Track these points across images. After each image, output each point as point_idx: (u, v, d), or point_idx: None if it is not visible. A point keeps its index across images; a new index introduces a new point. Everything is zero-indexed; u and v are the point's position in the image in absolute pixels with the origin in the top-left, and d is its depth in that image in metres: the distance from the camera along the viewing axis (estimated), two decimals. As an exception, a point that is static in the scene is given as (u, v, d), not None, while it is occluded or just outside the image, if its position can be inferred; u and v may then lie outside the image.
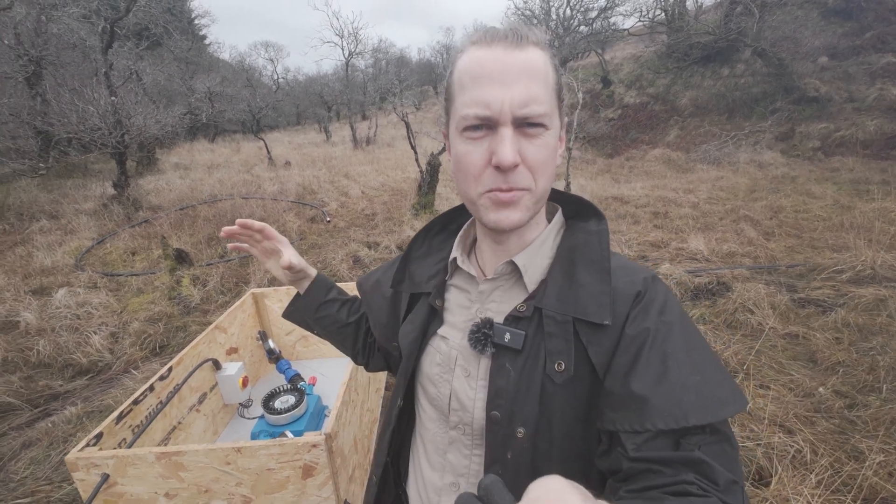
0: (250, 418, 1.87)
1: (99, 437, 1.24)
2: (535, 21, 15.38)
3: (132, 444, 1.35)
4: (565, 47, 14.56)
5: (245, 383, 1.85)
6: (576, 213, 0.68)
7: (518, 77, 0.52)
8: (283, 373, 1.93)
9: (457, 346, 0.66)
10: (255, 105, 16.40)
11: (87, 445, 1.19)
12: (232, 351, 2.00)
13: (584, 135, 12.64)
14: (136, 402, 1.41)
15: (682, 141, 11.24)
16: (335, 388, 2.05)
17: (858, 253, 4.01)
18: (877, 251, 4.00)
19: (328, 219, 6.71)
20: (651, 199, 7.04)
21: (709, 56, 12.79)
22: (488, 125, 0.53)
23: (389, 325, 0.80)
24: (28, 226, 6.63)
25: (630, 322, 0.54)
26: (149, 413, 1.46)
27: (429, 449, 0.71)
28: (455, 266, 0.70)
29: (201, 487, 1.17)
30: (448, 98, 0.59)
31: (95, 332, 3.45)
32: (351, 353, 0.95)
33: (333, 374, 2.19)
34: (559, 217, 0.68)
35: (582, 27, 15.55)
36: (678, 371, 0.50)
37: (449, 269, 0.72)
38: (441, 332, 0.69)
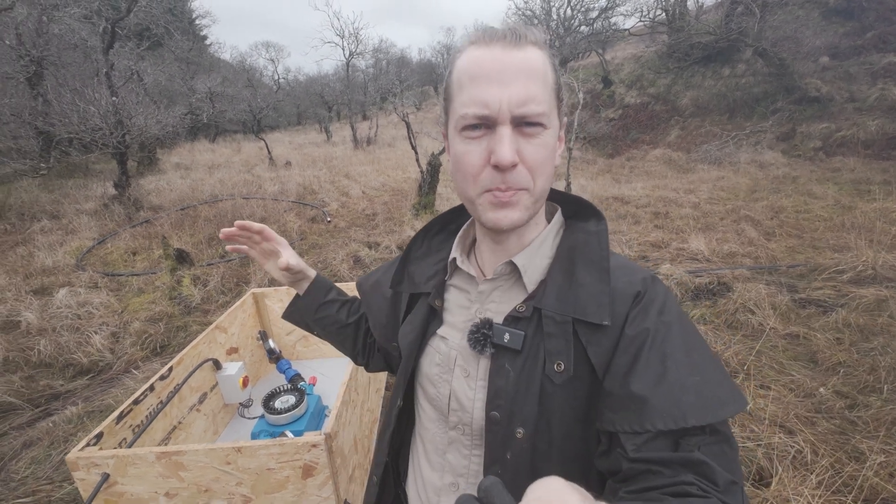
0: (250, 418, 1.88)
1: (99, 436, 1.24)
2: (536, 21, 15.37)
3: (132, 444, 1.35)
4: (566, 47, 14.55)
5: (245, 383, 1.85)
6: (575, 212, 0.68)
7: (516, 76, 0.52)
8: (284, 373, 1.93)
9: (456, 346, 0.66)
10: (255, 105, 16.42)
11: (88, 445, 1.19)
12: (232, 351, 2.00)
13: (584, 135, 12.63)
14: (136, 402, 1.41)
15: (682, 141, 11.22)
16: (335, 387, 2.06)
17: (859, 253, 4.00)
18: (878, 251, 4.00)
19: (329, 219, 6.71)
20: (652, 199, 7.03)
21: (710, 56, 12.77)
22: (487, 124, 0.53)
23: (389, 325, 0.80)
24: (29, 226, 6.64)
25: (629, 322, 0.54)
26: (149, 413, 1.46)
27: (428, 449, 0.71)
28: (454, 266, 0.70)
29: (201, 487, 1.17)
30: (447, 98, 0.59)
31: (96, 332, 3.45)
32: (351, 354, 0.95)
33: (334, 374, 2.19)
34: (558, 217, 0.68)
35: (582, 27, 15.54)
36: (677, 371, 0.50)
37: (448, 270, 0.72)
38: (440, 332, 0.69)
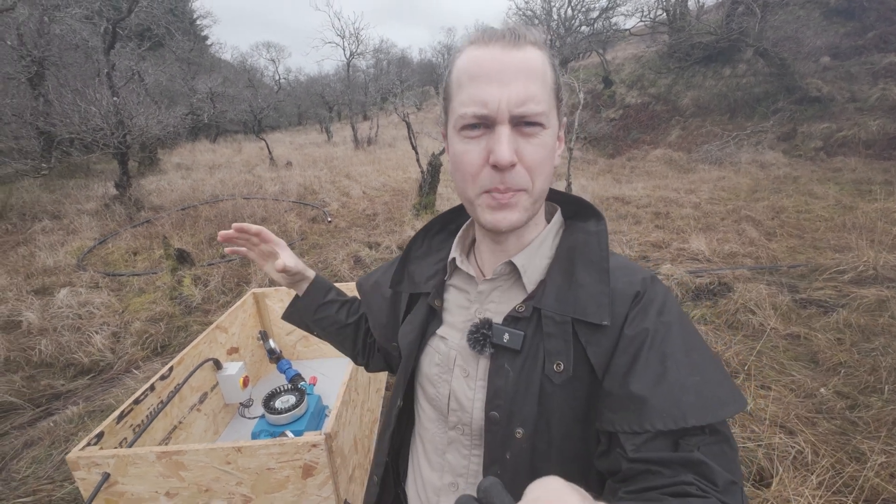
0: (251, 418, 1.88)
1: (100, 436, 1.24)
2: (537, 21, 15.37)
3: (133, 444, 1.35)
4: (566, 47, 14.55)
5: (246, 383, 1.85)
6: (575, 213, 0.68)
7: (515, 76, 0.52)
8: (284, 373, 1.93)
9: (456, 346, 0.66)
10: (256, 105, 16.42)
11: (88, 445, 1.19)
12: (233, 351, 2.00)
13: (585, 135, 12.63)
14: (136, 402, 1.41)
15: (683, 141, 11.21)
16: (336, 387, 2.06)
17: (860, 253, 4.00)
18: (879, 252, 3.99)
19: (329, 219, 6.72)
20: (652, 199, 7.03)
21: (710, 56, 12.76)
22: (486, 124, 0.53)
23: (389, 325, 0.80)
24: (30, 226, 6.65)
25: (629, 322, 0.54)
26: (150, 412, 1.46)
27: (428, 449, 0.71)
28: (454, 266, 0.70)
29: (202, 487, 1.17)
30: (446, 97, 0.60)
31: (97, 332, 3.46)
32: (351, 354, 0.95)
33: (334, 373, 2.19)
34: (558, 217, 0.68)
35: (583, 27, 15.54)
36: (677, 371, 0.50)
37: (448, 270, 0.72)
38: (440, 332, 0.69)
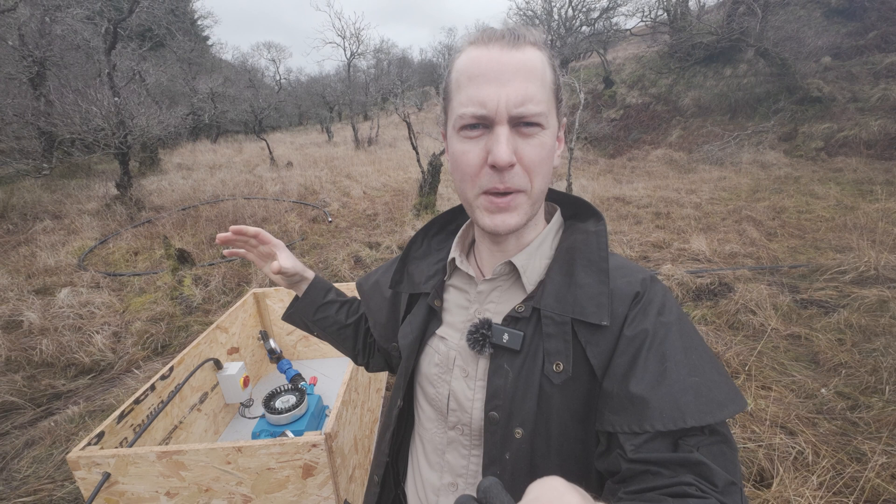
0: (251, 418, 1.88)
1: (100, 436, 1.24)
2: (537, 21, 15.36)
3: (133, 444, 1.35)
4: (567, 47, 14.54)
5: (246, 383, 1.85)
6: (574, 213, 0.68)
7: (514, 76, 0.52)
8: (284, 373, 1.93)
9: (455, 346, 0.66)
10: (257, 105, 16.43)
11: (89, 444, 1.20)
12: (233, 351, 2.00)
13: (585, 135, 12.62)
14: (137, 402, 1.41)
15: (684, 141, 11.20)
16: (336, 387, 2.06)
17: (861, 254, 3.99)
18: (880, 252, 3.98)
19: (330, 219, 6.72)
20: (653, 199, 7.02)
21: (711, 56, 12.75)
22: (484, 124, 0.53)
23: (389, 325, 0.80)
24: (31, 226, 6.66)
25: (628, 323, 0.54)
26: (150, 412, 1.46)
27: (427, 449, 0.71)
28: (454, 266, 0.70)
29: (202, 486, 1.17)
30: (446, 98, 0.60)
31: (98, 332, 3.46)
32: (351, 354, 0.95)
33: (334, 373, 2.20)
34: (558, 217, 0.68)
35: (584, 27, 15.52)
36: (677, 372, 0.50)
37: (448, 270, 0.72)
38: (440, 332, 0.69)
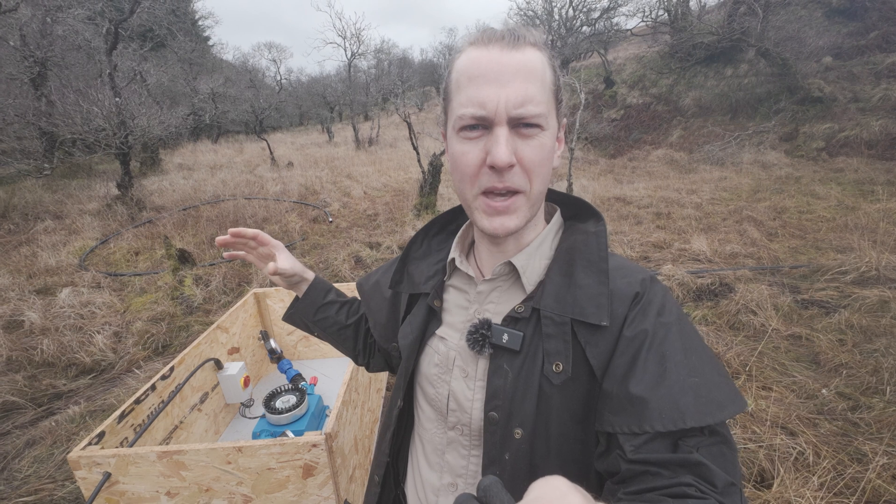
0: (251, 418, 1.88)
1: (101, 435, 1.25)
2: (538, 21, 15.36)
3: (134, 443, 1.35)
4: (568, 48, 14.53)
5: (246, 383, 1.85)
6: (574, 213, 0.68)
7: (514, 77, 0.52)
8: (285, 373, 1.93)
9: (455, 346, 0.66)
10: (258, 106, 16.45)
11: (90, 444, 1.20)
12: (233, 351, 2.00)
13: (586, 135, 12.62)
14: (138, 402, 1.41)
15: (685, 141, 11.19)
16: (336, 387, 2.06)
17: (862, 254, 3.98)
18: (881, 252, 3.97)
19: (330, 219, 6.73)
20: (654, 199, 7.02)
21: (712, 56, 12.74)
22: (484, 125, 0.54)
23: (389, 325, 0.80)
24: (33, 226, 6.67)
25: (628, 323, 0.54)
26: (150, 412, 1.46)
27: (427, 449, 0.71)
28: (453, 267, 0.70)
29: (202, 486, 1.17)
30: (446, 98, 0.60)
31: (99, 332, 3.47)
32: (351, 354, 0.96)
33: (334, 374, 2.20)
34: (557, 218, 0.68)
35: (584, 27, 15.52)
36: (676, 373, 0.50)
37: (447, 270, 0.72)
38: (439, 332, 0.69)
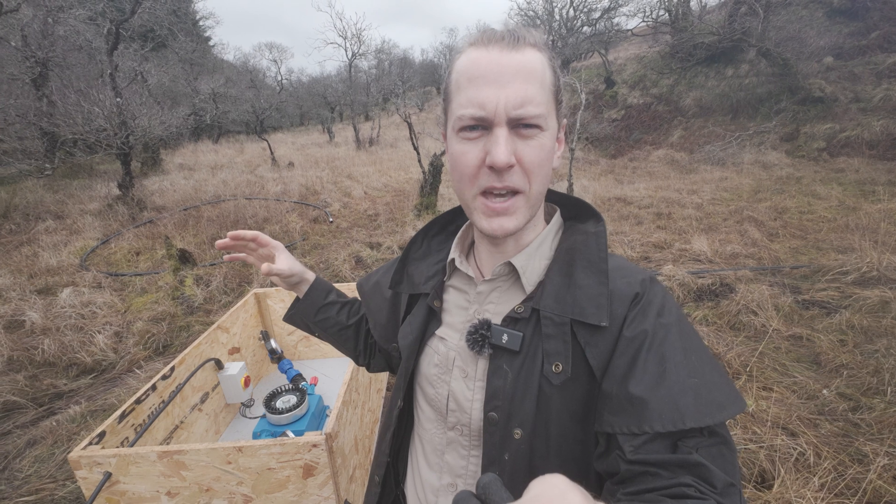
0: (252, 418, 1.88)
1: (102, 435, 1.25)
2: (538, 22, 15.37)
3: (134, 443, 1.36)
4: (568, 48, 14.53)
5: (247, 383, 1.86)
6: (574, 214, 0.68)
7: (513, 78, 0.52)
8: (285, 373, 1.93)
9: (455, 347, 0.66)
10: (258, 106, 16.47)
11: (90, 444, 1.20)
12: (234, 351, 2.00)
13: (587, 135, 12.61)
14: (138, 402, 1.41)
15: (685, 142, 11.19)
16: (336, 388, 2.06)
17: (863, 254, 3.98)
18: (882, 252, 3.97)
19: (331, 219, 6.73)
20: (654, 199, 7.01)
21: (713, 56, 12.73)
22: (484, 126, 0.54)
23: (389, 326, 0.80)
24: (34, 226, 6.68)
25: (628, 324, 0.54)
26: (151, 412, 1.46)
27: (427, 449, 0.71)
28: (453, 267, 0.70)
29: (202, 486, 1.17)
30: (446, 99, 0.60)
31: (99, 332, 3.47)
32: (352, 355, 0.96)
33: (335, 374, 2.20)
34: (557, 218, 0.68)
35: (585, 28, 15.52)
36: (676, 373, 0.50)
37: (447, 270, 0.72)
38: (439, 332, 0.69)
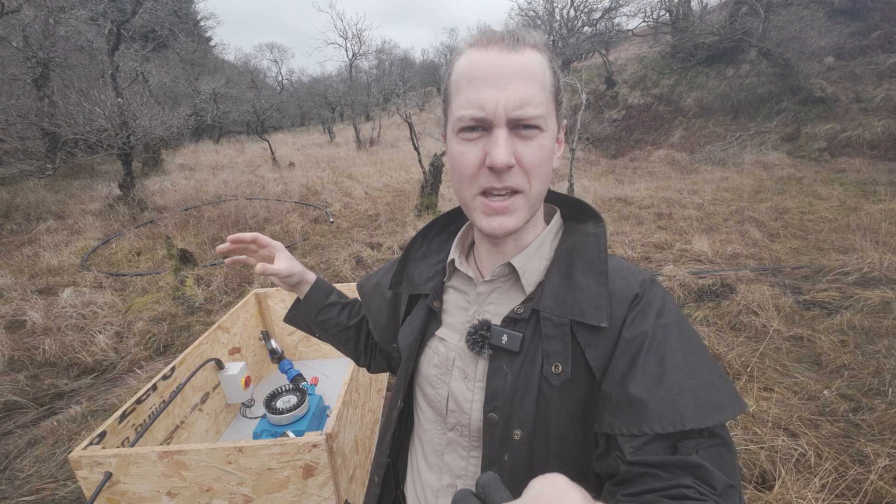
0: (252, 418, 1.88)
1: (102, 435, 1.25)
2: (539, 22, 15.36)
3: (135, 443, 1.36)
4: (569, 48, 14.53)
5: (247, 383, 1.86)
6: (574, 215, 0.68)
7: (513, 79, 0.52)
8: (286, 373, 1.93)
9: (455, 347, 0.66)
10: (259, 106, 16.50)
11: (91, 444, 1.20)
12: (234, 351, 2.01)
13: (587, 136, 12.61)
14: (139, 402, 1.42)
15: (686, 142, 11.18)
16: (337, 388, 2.06)
17: (864, 255, 3.97)
18: (883, 253, 3.96)
19: (331, 219, 6.73)
20: (655, 200, 7.01)
21: (714, 56, 12.71)
22: (483, 126, 0.54)
23: (389, 326, 0.80)
24: (35, 226, 6.70)
25: (627, 325, 0.54)
26: (152, 412, 1.47)
27: (427, 450, 0.71)
28: (453, 268, 0.70)
29: (203, 486, 1.17)
30: (446, 100, 0.60)
31: (100, 332, 3.47)
32: (353, 356, 0.96)
33: (335, 374, 2.20)
34: (557, 219, 0.68)
35: (586, 28, 15.51)
36: (675, 375, 0.50)
37: (447, 271, 0.72)
38: (439, 333, 0.69)
